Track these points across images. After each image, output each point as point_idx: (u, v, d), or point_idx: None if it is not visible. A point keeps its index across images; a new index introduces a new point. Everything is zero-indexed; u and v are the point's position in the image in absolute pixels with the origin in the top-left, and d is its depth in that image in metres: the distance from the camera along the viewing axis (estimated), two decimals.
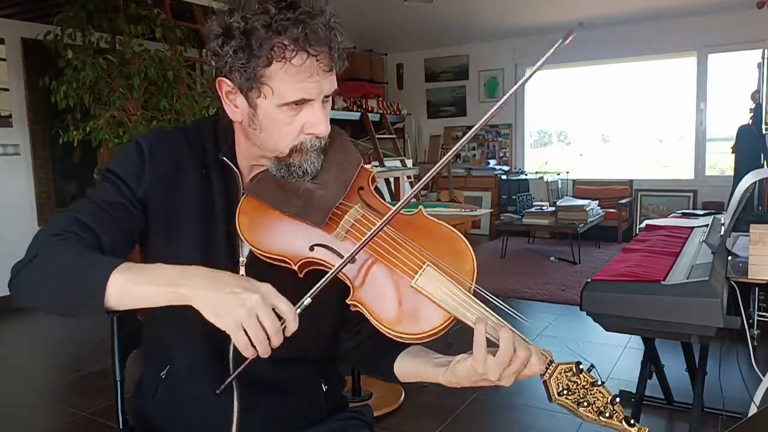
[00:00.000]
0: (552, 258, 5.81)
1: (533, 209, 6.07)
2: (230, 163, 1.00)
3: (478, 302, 0.84)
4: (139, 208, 0.95)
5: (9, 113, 4.55)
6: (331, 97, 0.96)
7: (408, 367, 0.98)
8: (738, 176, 3.67)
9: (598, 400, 0.82)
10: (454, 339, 0.92)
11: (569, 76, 7.28)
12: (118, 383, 1.19)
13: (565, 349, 3.19)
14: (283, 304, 0.79)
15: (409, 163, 6.73)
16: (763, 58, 4.14)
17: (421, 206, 0.95)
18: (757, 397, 1.95)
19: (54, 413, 2.78)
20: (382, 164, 6.03)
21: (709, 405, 2.30)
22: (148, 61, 3.50)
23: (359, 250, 0.86)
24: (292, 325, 0.80)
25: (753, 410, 1.95)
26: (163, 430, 1.05)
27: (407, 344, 0.93)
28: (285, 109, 0.91)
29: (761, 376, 2.00)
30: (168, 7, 4.02)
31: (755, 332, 2.22)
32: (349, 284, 0.88)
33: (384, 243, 0.89)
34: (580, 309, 1.78)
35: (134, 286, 0.79)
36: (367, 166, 1.03)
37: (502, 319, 0.84)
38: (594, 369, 0.84)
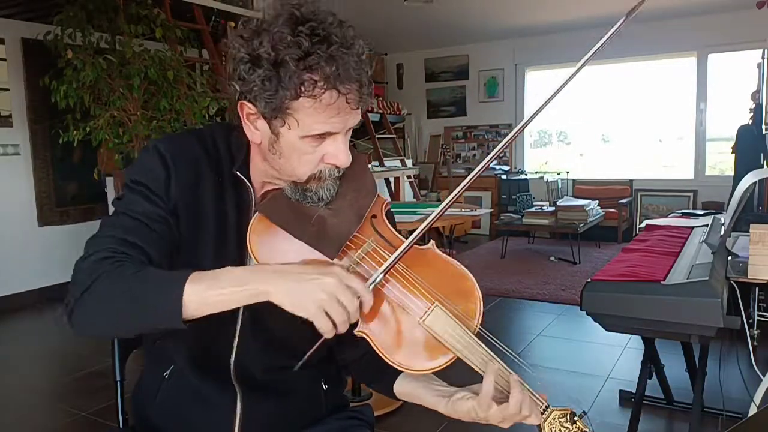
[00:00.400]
0: (552, 258, 5.81)
1: (533, 209, 6.07)
2: (244, 178, 0.99)
3: (482, 345, 0.86)
4: (173, 218, 0.94)
5: (9, 113, 4.54)
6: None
7: (408, 389, 1.00)
8: (738, 176, 3.67)
9: None
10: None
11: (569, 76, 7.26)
12: (118, 383, 1.19)
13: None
14: (357, 283, 0.82)
15: (409, 163, 6.74)
16: (763, 58, 4.14)
17: (432, 241, 0.96)
18: (757, 397, 1.95)
19: (54, 413, 2.78)
20: (382, 164, 6.03)
21: (709, 405, 2.30)
22: (148, 61, 3.49)
23: (411, 245, 0.88)
24: (368, 301, 0.83)
25: (753, 410, 1.95)
26: (164, 430, 1.05)
27: None
28: (308, 140, 0.89)
29: (761, 376, 2.00)
30: (168, 7, 4.02)
31: (755, 332, 2.22)
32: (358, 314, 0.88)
33: (394, 280, 0.89)
34: (580, 309, 1.78)
35: (212, 292, 0.80)
36: (381, 196, 1.02)
37: (506, 366, 0.87)
38: (586, 416, 0.87)
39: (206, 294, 0.80)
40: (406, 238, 0.91)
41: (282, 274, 0.81)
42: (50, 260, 4.62)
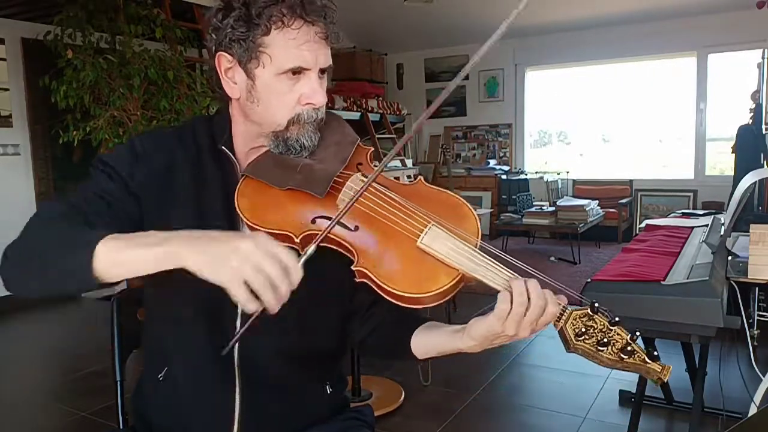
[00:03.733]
0: (552, 258, 5.80)
1: (533, 209, 6.07)
2: (228, 152, 1.01)
3: (485, 255, 0.84)
4: (131, 199, 0.96)
5: (9, 113, 4.55)
6: (326, 74, 0.98)
7: (425, 341, 0.99)
8: (738, 176, 3.67)
9: (617, 341, 0.81)
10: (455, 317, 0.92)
11: (569, 76, 7.28)
12: (118, 383, 1.19)
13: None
14: (281, 250, 0.76)
15: (409, 162, 6.73)
16: (763, 58, 4.15)
17: (420, 177, 0.97)
18: (757, 397, 1.95)
19: (54, 413, 2.78)
20: None
21: (709, 405, 2.31)
22: (148, 61, 3.49)
23: (362, 192, 0.85)
24: (296, 272, 0.76)
25: (753, 410, 1.95)
26: (164, 430, 1.05)
27: (418, 313, 0.93)
28: (283, 77, 0.93)
29: (761, 376, 2.00)
30: (168, 7, 4.02)
31: (755, 332, 2.22)
32: (354, 251, 0.87)
33: (388, 206, 0.90)
34: None
35: (124, 251, 0.77)
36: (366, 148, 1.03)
37: (511, 271, 0.84)
38: (609, 311, 0.83)
39: (118, 254, 0.78)
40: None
41: (198, 238, 0.77)
42: None
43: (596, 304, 0.82)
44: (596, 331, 0.81)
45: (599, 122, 7.63)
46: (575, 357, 0.87)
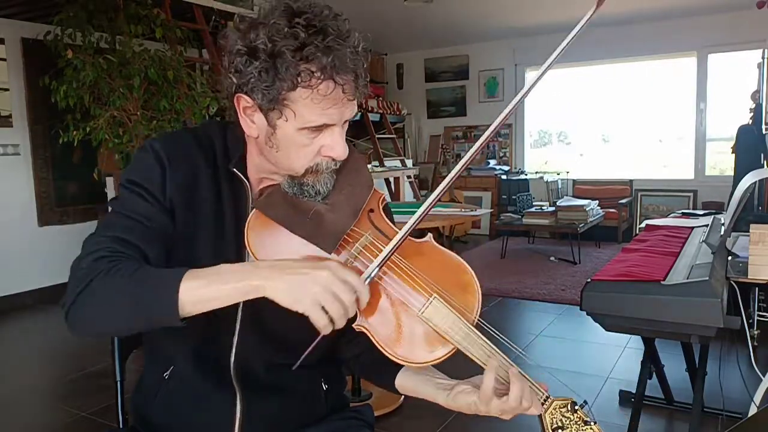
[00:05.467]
0: (552, 258, 5.80)
1: (533, 209, 6.07)
2: (241, 175, 0.99)
3: (482, 337, 0.87)
4: (169, 217, 0.94)
5: (9, 113, 4.54)
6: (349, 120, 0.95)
7: (409, 384, 1.00)
8: (738, 176, 3.67)
9: None
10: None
11: (569, 76, 7.28)
12: (118, 383, 1.19)
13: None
14: (352, 276, 0.82)
15: (409, 163, 6.74)
16: (763, 58, 4.14)
17: (429, 234, 0.96)
18: (757, 397, 1.95)
19: (54, 413, 2.78)
20: (382, 164, 6.03)
21: (709, 405, 2.30)
22: (148, 61, 3.49)
23: (406, 236, 0.89)
24: (364, 295, 0.83)
25: (753, 410, 1.95)
26: (164, 430, 1.05)
27: None
28: (305, 132, 0.90)
29: (761, 376, 2.00)
30: (168, 7, 4.02)
31: (755, 332, 2.23)
32: (356, 309, 0.88)
33: (392, 273, 0.89)
34: (580, 309, 1.78)
35: (206, 290, 0.80)
36: (377, 186, 1.02)
37: (506, 358, 0.87)
38: (587, 406, 0.87)
39: (201, 291, 0.80)
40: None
41: (277, 269, 0.81)
42: (50, 260, 4.61)
43: (576, 403, 0.87)
44: (571, 423, 0.86)
45: (599, 122, 7.63)
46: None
